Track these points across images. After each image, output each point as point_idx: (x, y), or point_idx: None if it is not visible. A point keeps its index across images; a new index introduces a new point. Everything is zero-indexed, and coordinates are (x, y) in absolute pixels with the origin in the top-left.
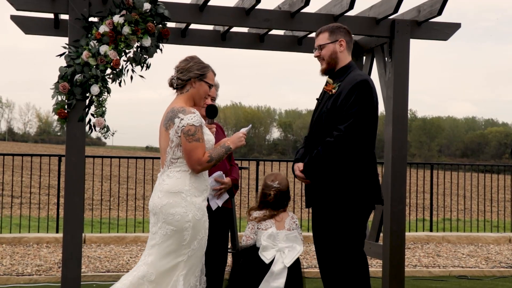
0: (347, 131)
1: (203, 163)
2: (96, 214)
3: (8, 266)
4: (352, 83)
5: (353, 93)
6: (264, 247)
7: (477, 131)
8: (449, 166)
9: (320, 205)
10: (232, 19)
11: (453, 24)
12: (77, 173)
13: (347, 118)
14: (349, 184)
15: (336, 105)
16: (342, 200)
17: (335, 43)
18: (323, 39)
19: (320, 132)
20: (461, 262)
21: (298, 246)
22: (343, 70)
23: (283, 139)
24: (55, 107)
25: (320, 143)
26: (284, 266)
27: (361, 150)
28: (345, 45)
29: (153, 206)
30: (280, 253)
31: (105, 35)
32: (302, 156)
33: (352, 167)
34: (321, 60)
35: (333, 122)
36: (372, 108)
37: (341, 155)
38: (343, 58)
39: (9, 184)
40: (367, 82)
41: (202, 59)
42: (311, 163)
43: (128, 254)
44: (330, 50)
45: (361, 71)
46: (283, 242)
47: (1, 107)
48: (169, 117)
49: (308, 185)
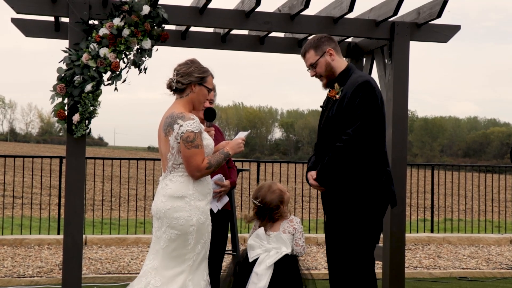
0: (355, 134)
1: (202, 170)
2: (98, 215)
3: (9, 268)
4: (354, 86)
5: (357, 95)
6: (251, 246)
7: (479, 131)
8: (450, 166)
9: (336, 210)
10: (232, 21)
11: (453, 26)
12: (77, 175)
13: (354, 121)
14: (364, 186)
15: (341, 109)
16: (358, 203)
17: (325, 56)
18: (312, 57)
19: (329, 138)
20: (462, 263)
21: (285, 247)
22: (343, 74)
23: (284, 139)
24: (54, 108)
25: (330, 150)
26: (267, 266)
27: (372, 151)
28: (334, 52)
29: (157, 210)
30: (267, 254)
31: (104, 38)
32: (314, 164)
33: (365, 169)
34: (319, 77)
35: (340, 127)
36: (377, 107)
37: (351, 158)
38: (338, 65)
39: (11, 185)
40: (368, 83)
41: (202, 62)
42: (324, 171)
43: (129, 255)
44: (324, 64)
45: (361, 72)
46: (273, 243)
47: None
48: (168, 123)
49: (324, 192)
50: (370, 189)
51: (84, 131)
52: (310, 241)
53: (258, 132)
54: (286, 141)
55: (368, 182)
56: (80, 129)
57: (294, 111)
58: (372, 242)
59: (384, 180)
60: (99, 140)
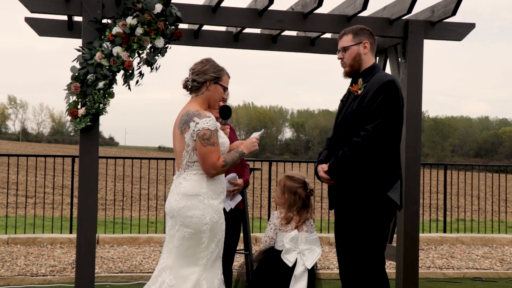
0: (374, 131)
1: (217, 168)
2: (109, 214)
3: (22, 267)
4: (379, 83)
5: (381, 93)
6: (287, 250)
7: (491, 131)
8: (463, 166)
9: (344, 206)
10: (244, 20)
11: (468, 24)
12: (90, 175)
13: (375, 118)
14: (375, 185)
15: (362, 105)
16: (367, 201)
17: (359, 45)
18: (347, 41)
19: (345, 133)
20: (476, 263)
21: (318, 248)
22: (368, 71)
23: (295, 139)
24: (67, 107)
25: (345, 144)
26: (305, 268)
27: (387, 150)
28: (369, 47)
29: (171, 209)
30: (301, 256)
31: (118, 36)
32: (326, 158)
33: (378, 168)
34: (343, 62)
35: (359, 122)
36: (399, 108)
37: (368, 155)
38: (367, 60)
39: (23, 184)
40: (394, 83)
41: (216, 61)
42: (337, 164)
43: (141, 254)
44: (354, 52)
45: (386, 72)
46: (303, 245)
47: (15, 107)
48: (184, 120)
49: (332, 187)
50: (381, 188)
51: (85, 124)
52: (322, 241)
53: (268, 132)
54: (297, 141)
55: (379, 181)
56: (82, 122)
57: (304, 111)
58: (382, 241)
59: (396, 180)
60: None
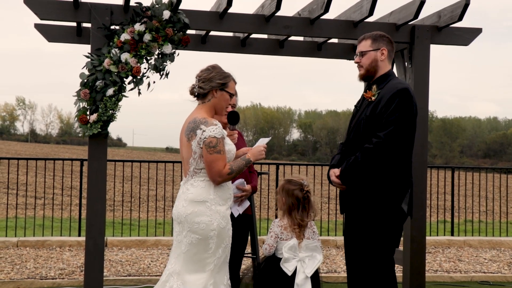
0: (387, 138)
1: (223, 175)
2: (117, 215)
3: (32, 270)
4: (393, 91)
5: (394, 100)
6: (286, 259)
7: (500, 131)
8: (471, 169)
9: (355, 211)
10: (252, 26)
11: (474, 29)
12: (99, 179)
13: (387, 126)
14: (386, 191)
15: (376, 112)
16: (378, 207)
17: (377, 51)
18: (365, 46)
19: (358, 138)
20: (483, 267)
21: (318, 255)
22: (382, 78)
23: (302, 140)
24: (77, 113)
25: (357, 150)
26: (306, 276)
27: (399, 158)
28: (387, 54)
29: (178, 215)
30: (301, 263)
31: (126, 43)
32: (339, 162)
33: (390, 175)
34: (360, 66)
35: (372, 129)
36: (412, 116)
37: (380, 162)
38: (383, 66)
39: (32, 185)
40: (407, 91)
41: (222, 65)
42: (348, 169)
43: (149, 257)
44: (371, 58)
45: (401, 80)
46: (303, 252)
47: (24, 108)
48: (191, 128)
49: (343, 191)
50: (395, 200)
51: (96, 130)
52: (329, 244)
53: (276, 133)
54: (304, 142)
55: (393, 191)
56: (93, 128)
57: (312, 111)
58: (392, 245)
59: (408, 190)
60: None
